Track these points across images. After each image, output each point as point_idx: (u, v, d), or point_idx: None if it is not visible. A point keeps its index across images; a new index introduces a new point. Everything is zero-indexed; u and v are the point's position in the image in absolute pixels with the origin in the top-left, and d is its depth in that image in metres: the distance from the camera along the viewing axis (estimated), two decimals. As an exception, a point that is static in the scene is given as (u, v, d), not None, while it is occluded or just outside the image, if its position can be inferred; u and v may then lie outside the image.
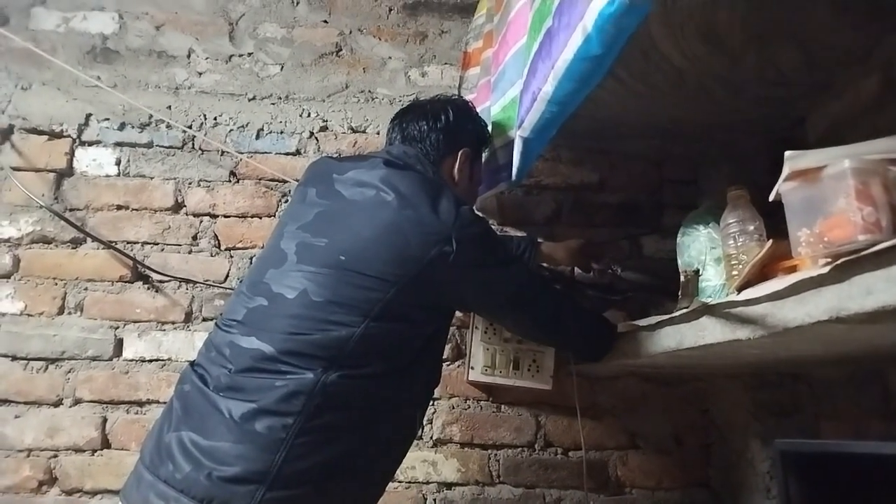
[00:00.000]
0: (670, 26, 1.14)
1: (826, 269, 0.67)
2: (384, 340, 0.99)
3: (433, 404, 1.58)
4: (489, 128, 1.35)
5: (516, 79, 1.17)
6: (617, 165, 1.77)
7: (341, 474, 0.95)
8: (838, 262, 0.65)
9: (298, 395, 0.92)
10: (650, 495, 1.58)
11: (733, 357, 1.23)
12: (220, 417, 0.91)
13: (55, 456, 1.47)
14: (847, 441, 1.32)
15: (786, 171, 0.69)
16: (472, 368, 1.56)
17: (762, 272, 0.89)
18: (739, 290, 0.89)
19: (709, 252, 1.12)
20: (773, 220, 0.99)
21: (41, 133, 1.66)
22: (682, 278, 0.96)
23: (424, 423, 1.57)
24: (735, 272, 0.97)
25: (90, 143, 1.67)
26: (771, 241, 0.84)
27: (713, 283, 1.11)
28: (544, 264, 1.56)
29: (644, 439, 1.61)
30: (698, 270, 0.98)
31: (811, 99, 1.38)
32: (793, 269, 0.83)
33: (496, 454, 1.58)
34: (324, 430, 0.93)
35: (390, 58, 1.80)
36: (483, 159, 1.36)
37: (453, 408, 1.59)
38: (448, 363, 1.61)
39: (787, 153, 0.69)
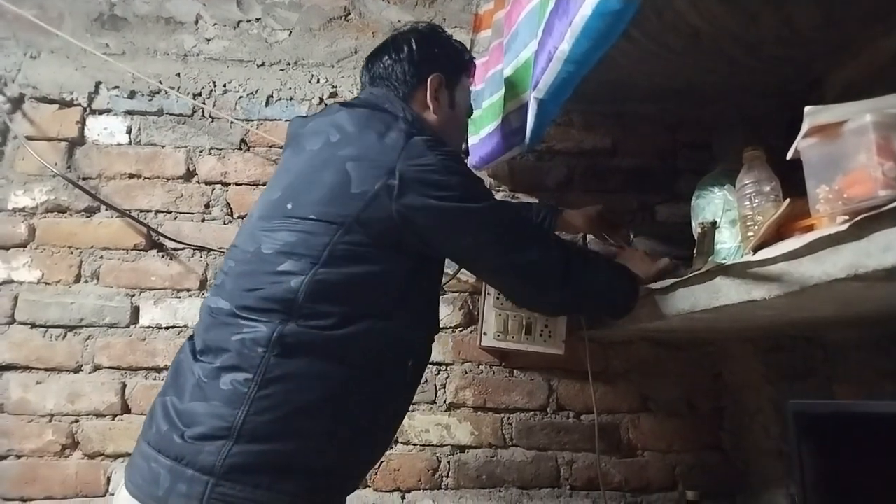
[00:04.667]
0: (687, -17, 1.12)
1: (844, 227, 0.67)
2: (340, 287, 0.93)
3: (446, 369, 1.60)
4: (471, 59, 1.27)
5: (530, 40, 1.16)
6: (630, 130, 1.75)
7: (313, 429, 0.90)
8: (857, 219, 0.65)
9: (255, 347, 0.89)
10: (661, 458, 1.59)
11: (747, 320, 1.23)
12: (192, 380, 0.92)
13: (76, 421, 1.50)
14: (859, 402, 1.32)
15: (805, 126, 0.68)
16: (485, 334, 1.57)
17: (778, 232, 0.88)
18: (755, 250, 0.88)
19: (724, 214, 1.11)
20: (789, 182, 0.98)
21: (52, 102, 1.66)
22: (699, 230, 0.95)
23: (438, 386, 1.59)
24: (750, 233, 0.97)
25: (101, 112, 1.66)
26: (788, 200, 0.83)
27: (728, 244, 1.11)
28: (560, 232, 1.51)
29: (656, 402, 1.63)
30: (715, 223, 0.97)
31: (828, 59, 1.35)
32: (810, 229, 0.83)
33: (509, 418, 1.60)
34: (287, 382, 0.89)
35: (399, 21, 1.77)
36: (465, 84, 1.24)
37: (466, 373, 1.60)
38: (461, 329, 1.63)
39: (807, 108, 0.68)
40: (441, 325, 1.61)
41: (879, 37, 1.24)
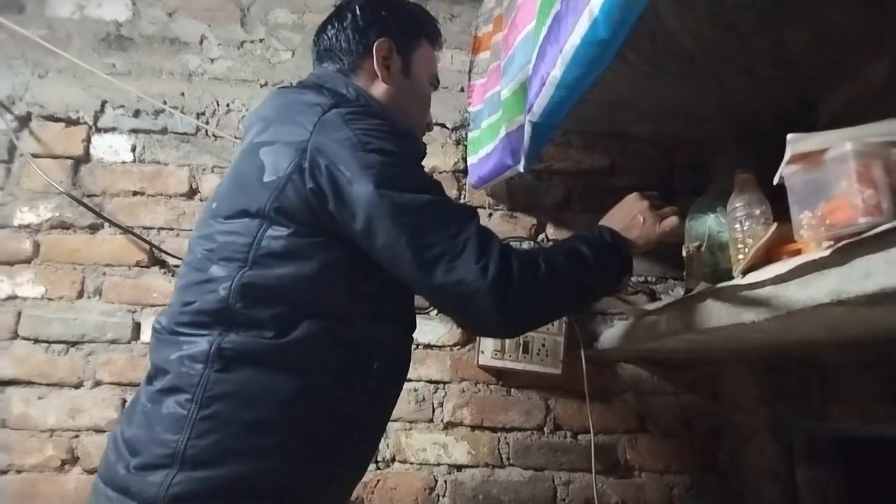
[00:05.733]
0: (679, 7, 1.14)
1: (827, 252, 0.68)
2: (275, 288, 0.83)
3: (443, 387, 1.60)
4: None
5: (525, 63, 1.17)
6: (628, 150, 1.77)
7: (266, 448, 0.80)
8: (839, 244, 0.66)
9: (193, 364, 0.81)
10: (659, 478, 1.59)
11: (741, 341, 1.24)
12: (139, 406, 0.85)
13: (77, 436, 1.51)
14: (854, 424, 1.32)
15: (788, 153, 0.70)
16: (482, 353, 1.58)
17: (767, 255, 0.89)
18: (744, 273, 0.89)
19: (716, 235, 1.12)
20: (783, 204, 0.99)
21: (58, 120, 1.69)
22: (685, 254, 0.97)
23: (435, 404, 1.59)
24: (741, 256, 0.98)
25: (106, 130, 1.69)
26: (775, 224, 0.84)
27: (722, 266, 1.11)
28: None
29: (653, 423, 1.62)
30: (700, 246, 0.98)
31: (822, 81, 1.36)
32: (797, 252, 0.84)
33: (506, 437, 1.60)
34: (231, 399, 0.80)
35: (401, 43, 1.80)
36: (427, 53, 1.10)
37: (464, 391, 1.61)
38: (458, 347, 1.63)
39: (790, 136, 0.69)
40: (439, 344, 1.62)
41: (872, 60, 1.26)
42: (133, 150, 1.69)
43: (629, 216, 1.02)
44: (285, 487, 0.81)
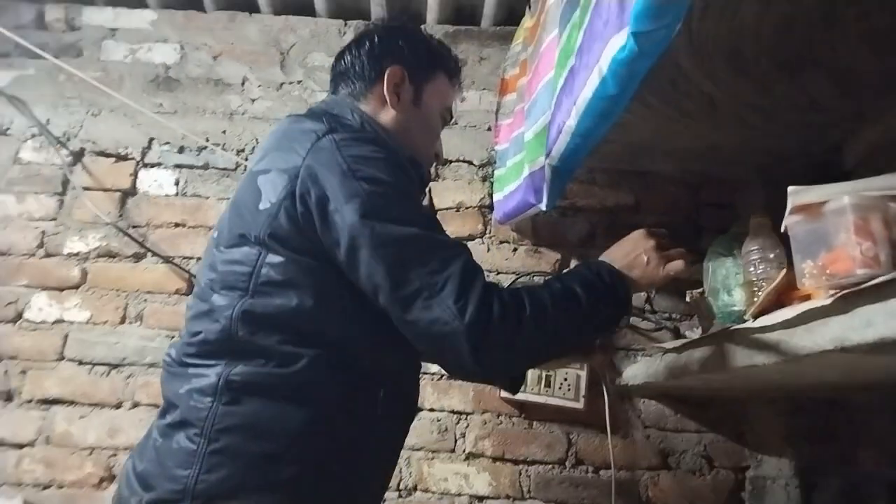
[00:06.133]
0: (698, 55, 1.17)
1: (829, 301, 0.70)
2: (277, 317, 0.82)
3: (466, 418, 1.63)
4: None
5: (546, 109, 1.22)
6: (653, 187, 1.79)
7: (277, 481, 0.79)
8: (840, 293, 0.68)
9: (202, 398, 0.80)
10: (681, 517, 1.58)
11: (762, 381, 1.24)
12: (150, 441, 0.85)
13: (114, 455, 1.58)
14: (884, 471, 1.31)
15: (790, 205, 0.72)
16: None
17: (779, 299, 0.91)
18: (755, 316, 0.91)
19: (733, 277, 1.14)
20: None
21: (108, 156, 1.80)
22: (688, 300, 0.99)
23: (457, 435, 1.62)
24: (755, 298, 1.00)
25: (152, 165, 1.80)
26: (784, 270, 0.86)
27: (738, 307, 1.13)
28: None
29: (676, 460, 1.62)
30: (703, 292, 1.00)
31: (847, 125, 1.38)
32: (807, 298, 0.85)
33: (527, 469, 1.61)
34: (240, 432, 0.79)
35: (431, 83, 1.87)
36: (441, 86, 1.10)
37: (486, 423, 1.63)
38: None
39: (790, 189, 0.72)
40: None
41: (893, 106, 1.27)
42: (176, 183, 1.78)
43: (633, 254, 0.95)
44: None
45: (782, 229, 0.81)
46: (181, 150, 1.80)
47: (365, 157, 0.84)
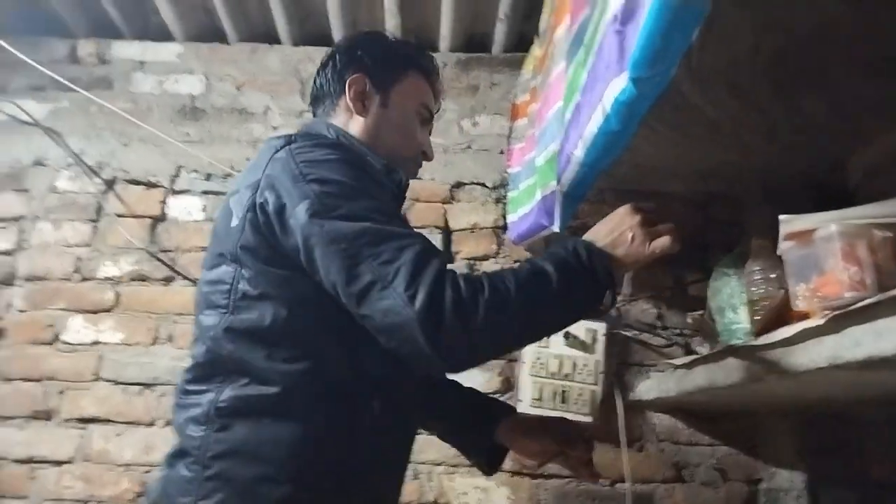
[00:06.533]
0: (698, 83, 1.22)
1: (822, 321, 0.75)
2: (253, 333, 0.83)
3: (484, 433, 1.68)
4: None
5: (556, 136, 1.28)
6: (661, 207, 1.84)
7: (272, 501, 0.80)
8: (832, 314, 0.73)
9: (196, 428, 0.82)
10: (697, 528, 1.61)
11: (767, 395, 1.28)
12: (161, 472, 0.88)
13: (148, 471, 1.65)
14: (892, 481, 1.33)
15: (782, 232, 0.78)
16: (520, 401, 1.66)
17: (780, 318, 0.96)
18: (757, 334, 0.96)
19: (738, 296, 1.19)
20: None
21: (139, 183, 1.89)
22: (690, 321, 1.04)
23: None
24: (757, 317, 1.05)
25: (181, 192, 1.88)
26: (783, 290, 0.91)
27: (743, 325, 1.18)
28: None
29: (690, 473, 1.65)
30: (703, 314, 1.05)
31: (846, 145, 1.42)
32: (806, 317, 0.90)
33: (545, 483, 1.65)
34: (232, 457, 0.80)
35: (444, 109, 1.94)
36: (410, 84, 1.10)
37: (503, 437, 1.68)
38: (499, 394, 1.71)
39: (782, 217, 0.78)
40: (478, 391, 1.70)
41: (890, 129, 1.31)
42: (204, 209, 1.87)
43: (617, 231, 0.89)
44: None
45: (778, 252, 0.86)
46: (208, 177, 1.89)
47: (317, 161, 0.85)
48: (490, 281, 0.78)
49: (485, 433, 1.15)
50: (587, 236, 0.91)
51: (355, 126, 1.04)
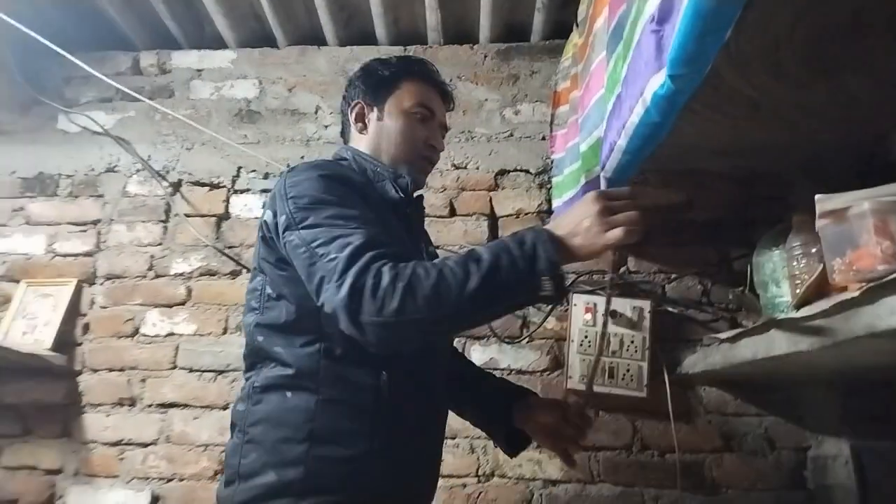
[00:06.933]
0: (737, 66, 1.26)
1: (857, 293, 0.80)
2: (275, 326, 1.02)
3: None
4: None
5: (599, 122, 1.34)
6: (704, 185, 1.87)
7: (298, 457, 0.95)
8: (866, 287, 0.79)
9: (240, 404, 1.03)
10: (746, 496, 1.66)
11: (815, 365, 1.32)
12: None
13: (225, 451, 1.78)
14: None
15: (818, 210, 0.83)
16: (570, 378, 1.73)
17: (821, 290, 1.01)
18: (798, 307, 1.02)
19: (780, 270, 1.23)
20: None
21: (203, 185, 2.02)
22: (730, 297, 1.08)
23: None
24: (798, 290, 1.09)
25: (242, 192, 2.01)
26: (822, 265, 0.96)
27: (786, 298, 1.23)
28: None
29: (738, 443, 1.70)
30: (744, 289, 1.09)
31: (888, 118, 1.43)
32: (844, 289, 0.95)
33: (596, 455, 1.73)
34: (264, 422, 0.98)
35: (486, 100, 2.01)
36: (403, 94, 1.20)
37: (555, 412, 1.76)
38: (548, 372, 1.79)
39: (818, 196, 0.83)
40: (530, 370, 1.79)
41: (934, 97, 1.32)
42: (263, 206, 1.97)
43: (577, 219, 0.90)
44: (331, 489, 0.94)
45: (816, 229, 0.91)
46: (266, 176, 2.00)
47: (299, 181, 0.99)
48: (413, 269, 0.86)
49: (504, 421, 1.27)
50: (550, 223, 0.95)
51: (363, 144, 1.21)
